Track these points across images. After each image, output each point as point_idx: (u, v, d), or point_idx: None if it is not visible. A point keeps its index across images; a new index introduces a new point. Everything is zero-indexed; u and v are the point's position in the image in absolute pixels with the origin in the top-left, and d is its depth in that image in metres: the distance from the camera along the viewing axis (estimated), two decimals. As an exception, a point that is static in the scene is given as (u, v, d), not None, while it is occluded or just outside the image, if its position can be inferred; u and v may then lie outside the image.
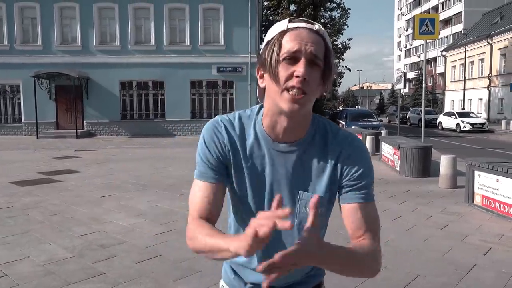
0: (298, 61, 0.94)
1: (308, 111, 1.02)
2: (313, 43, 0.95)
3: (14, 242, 4.46)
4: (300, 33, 0.95)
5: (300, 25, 0.97)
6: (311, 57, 0.94)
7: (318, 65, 0.96)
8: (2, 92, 20.47)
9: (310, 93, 0.96)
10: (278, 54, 0.95)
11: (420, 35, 11.51)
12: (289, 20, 0.99)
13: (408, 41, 69.28)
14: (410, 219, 5.40)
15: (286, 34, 0.96)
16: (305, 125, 1.05)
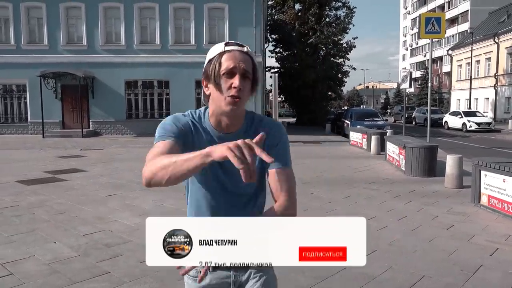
0: (234, 75, 1.29)
1: (242, 110, 1.38)
2: (244, 61, 1.30)
3: (20, 241, 4.48)
4: (234, 54, 1.30)
5: (234, 48, 1.31)
6: (243, 72, 1.30)
7: (248, 78, 1.31)
8: (8, 92, 20.60)
9: (243, 98, 1.31)
10: (219, 70, 1.29)
11: (426, 34, 11.44)
12: (225, 44, 1.32)
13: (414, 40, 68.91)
14: (416, 219, 5.37)
15: (223, 54, 1.30)
16: (241, 119, 1.40)
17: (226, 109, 1.30)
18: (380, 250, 4.22)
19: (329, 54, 29.28)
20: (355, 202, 6.38)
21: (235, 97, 1.29)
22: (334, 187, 7.49)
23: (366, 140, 13.61)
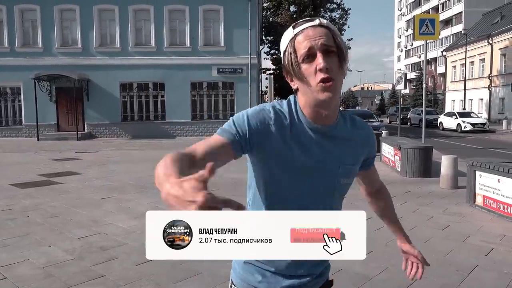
0: (315, 56, 1.07)
1: (339, 97, 1.16)
2: (320, 36, 1.08)
3: (14, 245, 4.45)
4: (307, 33, 1.09)
5: (303, 26, 1.10)
6: (324, 48, 1.07)
7: (333, 51, 1.09)
8: (2, 94, 20.49)
9: (336, 78, 1.09)
10: (297, 58, 1.09)
11: (420, 35, 11.49)
12: (293, 26, 1.12)
13: (409, 41, 69.26)
14: (411, 220, 5.38)
15: (295, 39, 1.10)
16: (337, 109, 1.20)
17: (322, 98, 1.09)
18: (377, 251, 4.22)
19: (324, 56, 29.42)
20: (351, 203, 6.35)
21: (326, 80, 1.07)
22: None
23: (361, 141, 13.61)
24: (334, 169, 1.19)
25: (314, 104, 1.13)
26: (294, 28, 1.12)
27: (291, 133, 1.15)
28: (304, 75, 1.09)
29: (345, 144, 1.21)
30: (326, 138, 1.18)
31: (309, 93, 1.11)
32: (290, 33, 1.12)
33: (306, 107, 1.16)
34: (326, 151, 1.18)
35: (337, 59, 1.09)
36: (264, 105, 1.19)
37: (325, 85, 1.07)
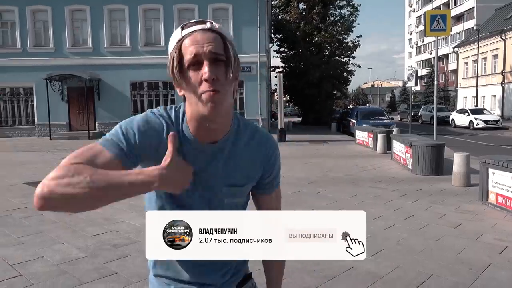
0: (202, 64, 0.98)
1: (227, 109, 1.05)
2: (209, 42, 0.98)
3: (29, 242, 4.52)
4: (195, 37, 0.98)
5: (193, 28, 0.99)
6: (212, 55, 0.98)
7: (221, 61, 0.99)
8: (15, 95, 20.79)
9: (222, 90, 0.99)
10: (181, 64, 0.99)
11: (431, 31, 11.36)
12: (181, 27, 1.01)
13: (419, 38, 68.52)
14: (423, 218, 5.34)
15: (182, 42, 0.99)
16: (227, 122, 1.08)
17: (205, 111, 0.99)
18: (388, 249, 4.20)
19: (334, 53, 29.20)
20: (362, 201, 6.36)
21: (210, 91, 0.97)
22: (340, 186, 7.47)
23: (372, 139, 13.56)
24: (216, 190, 1.11)
25: (197, 117, 1.03)
26: (183, 29, 1.01)
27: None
28: (189, 83, 0.99)
29: (235, 162, 1.11)
30: (210, 157, 1.09)
31: (193, 105, 1.02)
32: (178, 35, 1.01)
33: (192, 120, 1.05)
34: (209, 171, 1.09)
35: (224, 69, 1.00)
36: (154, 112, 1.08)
37: (208, 96, 0.97)
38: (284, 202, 1.34)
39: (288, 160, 10.95)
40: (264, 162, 1.16)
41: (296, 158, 11.60)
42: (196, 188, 1.09)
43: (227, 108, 1.04)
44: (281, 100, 18.05)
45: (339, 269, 3.66)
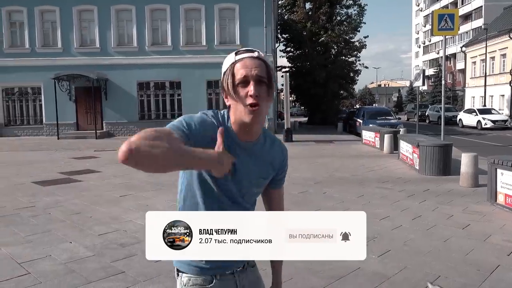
0: (248, 83, 1.26)
1: (262, 119, 1.33)
2: (256, 67, 1.27)
3: (37, 241, 4.56)
4: (245, 62, 1.28)
5: (244, 55, 1.29)
6: (257, 78, 1.26)
7: (264, 83, 1.28)
8: (24, 94, 20.96)
9: (262, 104, 1.27)
10: (234, 81, 1.27)
11: (439, 31, 11.28)
12: (235, 53, 1.31)
13: (427, 37, 68.07)
14: (430, 219, 5.31)
15: (235, 64, 1.28)
16: (260, 130, 1.39)
17: (247, 119, 1.28)
18: (395, 250, 4.18)
19: (341, 53, 29.10)
20: (369, 201, 6.33)
21: (253, 105, 1.26)
22: (347, 187, 7.45)
23: (379, 139, 13.50)
24: (251, 179, 1.38)
25: (240, 122, 1.31)
26: (236, 54, 1.30)
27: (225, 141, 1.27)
28: (238, 96, 1.27)
29: (262, 160, 1.40)
30: (246, 152, 1.36)
31: (238, 113, 1.30)
32: (232, 58, 1.30)
33: (235, 123, 1.33)
34: (245, 163, 1.35)
35: (266, 88, 1.28)
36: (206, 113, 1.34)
37: (252, 109, 1.26)
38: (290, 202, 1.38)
39: (294, 160, 10.93)
40: (281, 162, 1.48)
41: (303, 158, 11.58)
42: (235, 176, 1.33)
43: (263, 118, 1.34)
44: (288, 100, 18.02)
45: (345, 270, 3.65)
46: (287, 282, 3.40)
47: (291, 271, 3.64)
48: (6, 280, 3.50)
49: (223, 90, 1.33)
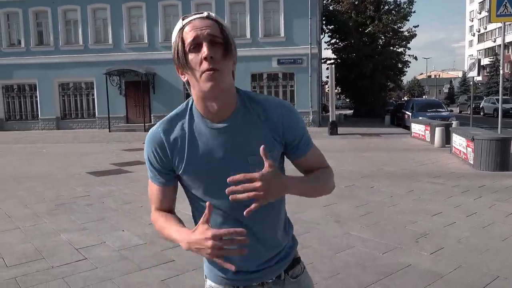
0: (201, 46, 1.08)
1: (228, 85, 1.12)
2: (207, 26, 1.09)
3: (92, 228, 4.79)
4: (195, 23, 1.10)
5: (192, 17, 1.11)
6: (210, 37, 1.08)
7: (218, 42, 1.09)
8: (78, 89, 22.07)
9: (220, 68, 1.08)
10: (184, 48, 1.10)
11: (497, 17, 10.58)
12: (182, 18, 1.13)
13: (482, 24, 64.30)
14: (487, 216, 5.03)
15: (183, 30, 1.11)
16: (233, 99, 1.17)
17: (206, 88, 1.08)
18: (448, 247, 4.00)
19: (388, 43, 28.13)
20: (419, 196, 6.10)
21: (209, 70, 1.06)
22: (396, 181, 7.22)
23: (429, 132, 12.96)
24: (242, 161, 1.15)
25: (201, 96, 1.13)
26: (183, 19, 1.13)
27: (189, 134, 1.17)
28: (191, 65, 1.09)
29: (249, 133, 1.16)
30: (223, 133, 1.16)
31: (196, 85, 1.11)
32: (179, 25, 1.13)
33: (198, 102, 1.16)
34: (227, 146, 1.16)
35: (222, 49, 1.09)
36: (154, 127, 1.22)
37: (208, 74, 1.07)
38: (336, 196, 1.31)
39: (339, 153, 10.74)
40: (280, 127, 1.19)
41: (348, 151, 11.35)
42: (225, 161, 1.16)
43: (228, 86, 1.12)
44: (333, 92, 17.71)
45: (396, 266, 3.54)
46: (334, 277, 3.36)
47: (338, 265, 3.59)
48: (66, 264, 3.71)
49: (176, 64, 1.15)
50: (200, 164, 1.17)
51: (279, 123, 1.18)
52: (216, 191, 1.16)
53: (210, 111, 1.15)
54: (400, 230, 4.57)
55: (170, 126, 1.19)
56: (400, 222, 4.84)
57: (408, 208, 5.47)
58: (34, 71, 21.48)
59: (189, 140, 1.17)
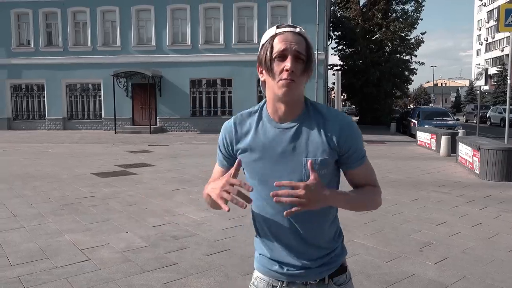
0: (286, 58, 1.23)
1: (299, 95, 1.29)
2: (296, 43, 1.24)
3: (96, 229, 4.81)
4: (286, 36, 1.24)
5: (285, 29, 1.26)
6: (296, 53, 1.23)
7: (301, 60, 1.24)
8: (85, 90, 22.21)
9: (297, 80, 1.24)
10: (271, 54, 1.24)
11: (505, 27, 10.56)
12: (277, 26, 1.28)
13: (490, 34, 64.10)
14: (493, 227, 4.99)
15: (275, 38, 1.25)
16: (298, 106, 1.31)
17: (279, 93, 1.24)
18: (452, 257, 3.98)
19: (395, 51, 28.09)
20: (424, 205, 6.07)
21: (287, 80, 1.22)
22: (400, 189, 7.19)
23: (435, 140, 12.91)
24: (299, 162, 1.28)
25: (275, 99, 1.29)
26: (278, 28, 1.27)
27: (257, 130, 1.33)
28: (273, 70, 1.24)
29: (308, 138, 1.29)
30: (285, 134, 1.30)
31: (271, 87, 1.27)
32: (272, 31, 1.27)
33: (269, 103, 1.32)
34: (288, 146, 1.29)
35: (303, 66, 1.25)
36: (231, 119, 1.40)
37: (285, 82, 1.22)
38: None
39: (344, 160, 10.70)
40: (336, 137, 1.29)
41: (353, 158, 11.31)
42: (283, 159, 1.29)
43: (298, 95, 1.29)
44: (339, 98, 17.69)
45: (400, 275, 3.52)
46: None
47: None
48: (70, 265, 3.72)
49: (259, 63, 1.30)
50: (260, 157, 1.31)
51: (336, 133, 1.29)
52: (270, 184, 1.25)
53: (278, 113, 1.30)
54: (405, 238, 4.55)
55: (242, 120, 1.37)
56: (404, 231, 4.81)
57: (412, 216, 5.44)
58: (42, 71, 21.66)
59: (256, 134, 1.32)
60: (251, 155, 1.32)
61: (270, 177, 1.28)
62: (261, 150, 1.31)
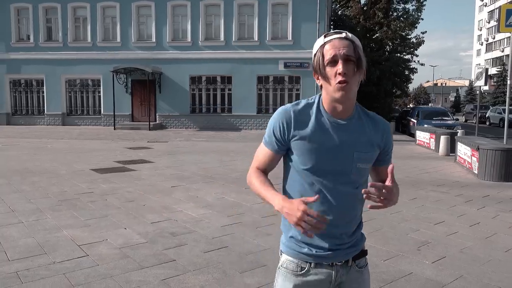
0: (337, 62, 1.37)
1: (353, 96, 1.44)
2: (344, 47, 1.37)
3: (95, 225, 4.81)
4: (334, 43, 1.39)
5: (332, 37, 1.40)
6: (345, 57, 1.37)
7: (351, 61, 1.38)
8: (85, 86, 22.17)
9: (350, 81, 1.38)
10: (323, 61, 1.39)
11: (506, 27, 10.56)
12: (324, 36, 1.42)
13: (490, 34, 64.07)
14: (490, 226, 5.00)
15: (324, 46, 1.40)
16: (352, 106, 1.48)
17: (337, 96, 1.39)
18: (450, 256, 3.99)
19: (396, 50, 28.06)
20: (422, 205, 6.08)
21: (341, 82, 1.36)
22: (399, 188, 7.18)
23: (434, 140, 12.92)
24: (349, 154, 1.44)
25: (331, 100, 1.43)
26: (325, 37, 1.41)
27: (315, 122, 1.44)
28: (328, 76, 1.39)
29: (359, 134, 1.46)
30: (340, 129, 1.45)
31: (329, 91, 1.41)
32: (321, 41, 1.42)
33: (326, 102, 1.46)
34: (341, 139, 1.44)
35: (354, 66, 1.38)
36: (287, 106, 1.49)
37: (340, 86, 1.36)
38: None
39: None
40: (380, 138, 1.51)
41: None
42: (336, 150, 1.44)
43: (353, 95, 1.44)
44: (338, 97, 17.66)
45: (398, 274, 3.53)
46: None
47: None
48: (68, 260, 3.73)
49: (314, 71, 1.45)
50: (317, 146, 1.43)
51: (382, 134, 1.52)
52: (321, 171, 1.43)
53: (336, 110, 1.45)
54: (402, 237, 4.56)
55: (300, 109, 1.47)
56: (402, 230, 4.82)
57: (410, 215, 5.45)
58: (42, 66, 21.62)
59: (314, 126, 1.44)
60: (308, 144, 1.44)
61: (322, 166, 1.43)
62: (318, 141, 1.43)
